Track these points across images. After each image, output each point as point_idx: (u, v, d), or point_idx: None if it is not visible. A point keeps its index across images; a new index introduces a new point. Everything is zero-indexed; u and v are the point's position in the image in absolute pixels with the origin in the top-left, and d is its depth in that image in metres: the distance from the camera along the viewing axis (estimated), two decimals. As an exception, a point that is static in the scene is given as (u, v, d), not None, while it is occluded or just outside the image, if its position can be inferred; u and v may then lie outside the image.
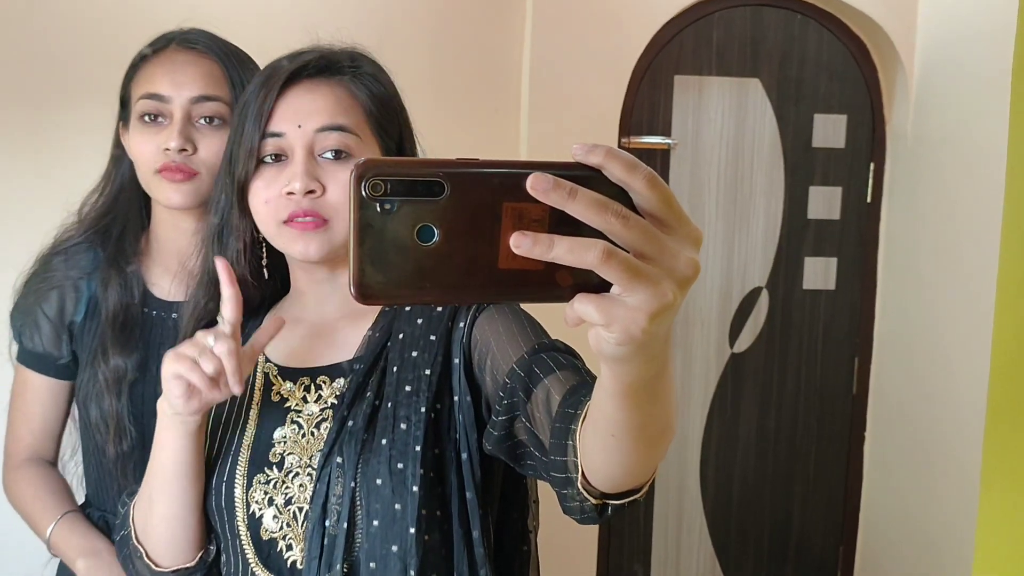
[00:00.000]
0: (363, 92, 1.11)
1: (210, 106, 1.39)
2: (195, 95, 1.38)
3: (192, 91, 1.38)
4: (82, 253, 1.47)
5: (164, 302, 1.45)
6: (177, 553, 1.11)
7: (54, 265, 1.47)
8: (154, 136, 1.38)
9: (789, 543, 3.39)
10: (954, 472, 2.80)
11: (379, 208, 0.53)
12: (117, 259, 1.45)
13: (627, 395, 0.65)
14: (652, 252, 0.54)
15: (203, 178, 1.38)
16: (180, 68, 1.40)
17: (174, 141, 1.35)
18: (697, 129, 3.16)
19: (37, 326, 1.47)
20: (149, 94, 1.39)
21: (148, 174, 1.39)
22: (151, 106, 1.38)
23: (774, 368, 3.31)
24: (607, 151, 0.54)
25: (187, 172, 1.37)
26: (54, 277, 1.46)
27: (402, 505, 1.01)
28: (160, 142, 1.37)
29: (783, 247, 3.25)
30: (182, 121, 1.37)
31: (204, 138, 1.38)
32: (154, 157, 1.37)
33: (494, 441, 0.99)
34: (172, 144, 1.35)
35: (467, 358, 1.07)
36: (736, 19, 3.12)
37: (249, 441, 1.12)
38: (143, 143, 1.39)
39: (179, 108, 1.37)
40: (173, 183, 1.37)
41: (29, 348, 1.49)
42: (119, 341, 1.40)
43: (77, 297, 1.46)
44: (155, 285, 1.47)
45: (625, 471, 0.76)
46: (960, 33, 2.86)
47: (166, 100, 1.38)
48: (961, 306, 2.80)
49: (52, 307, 1.46)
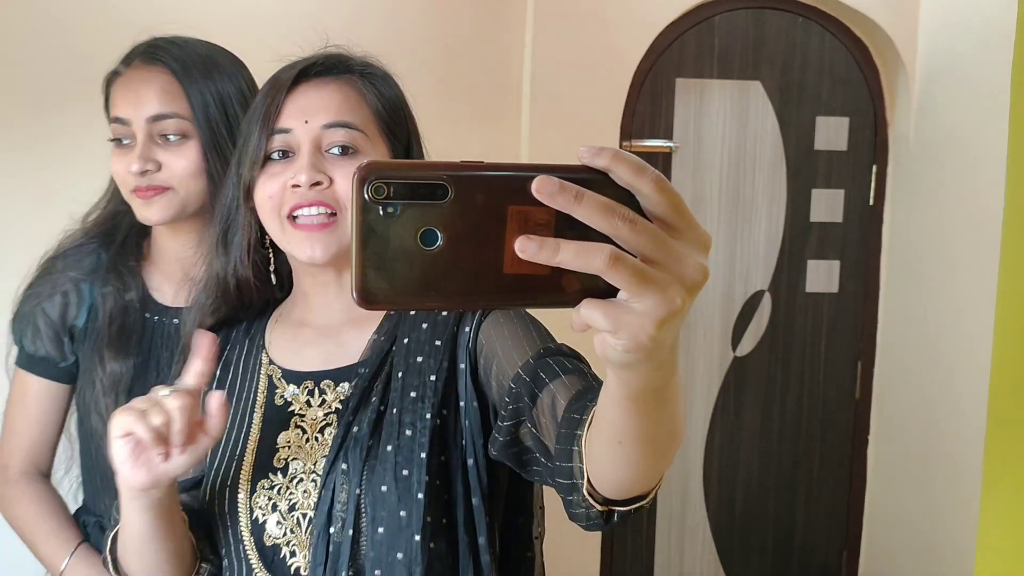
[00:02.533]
0: (372, 92, 1.11)
1: (168, 123, 1.38)
2: (152, 114, 1.37)
3: (149, 110, 1.37)
4: (85, 255, 1.46)
5: (165, 307, 1.45)
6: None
7: (57, 267, 1.47)
8: (123, 157, 1.38)
9: (792, 548, 3.38)
10: (957, 477, 2.79)
11: (382, 212, 0.52)
12: (118, 263, 1.45)
13: (634, 402, 0.64)
14: (660, 257, 0.52)
15: (177, 192, 1.38)
16: (136, 88, 1.39)
17: (135, 164, 1.36)
18: (699, 132, 3.15)
19: (38, 329, 1.46)
20: (114, 118, 1.40)
21: (127, 194, 1.40)
22: (117, 130, 1.40)
23: (777, 372, 3.30)
24: (614, 154, 0.53)
25: (156, 190, 1.37)
26: (57, 279, 1.46)
27: (407, 512, 1.00)
28: (127, 163, 1.37)
29: (785, 250, 3.24)
30: (143, 143, 1.37)
31: (168, 154, 1.38)
32: (126, 179, 1.38)
33: (499, 447, 0.98)
34: (134, 167, 1.36)
35: (473, 363, 1.06)
36: (738, 22, 3.12)
37: (253, 445, 1.11)
38: (116, 165, 1.40)
39: (140, 129, 1.37)
40: (145, 200, 1.38)
41: (30, 351, 1.47)
42: (115, 345, 1.40)
43: (79, 300, 1.45)
44: (157, 290, 1.47)
45: (631, 478, 0.75)
46: (962, 36, 2.86)
47: (127, 123, 1.38)
48: (964, 309, 2.79)
49: (55, 309, 1.45)
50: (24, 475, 1.49)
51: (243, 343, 1.19)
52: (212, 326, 1.19)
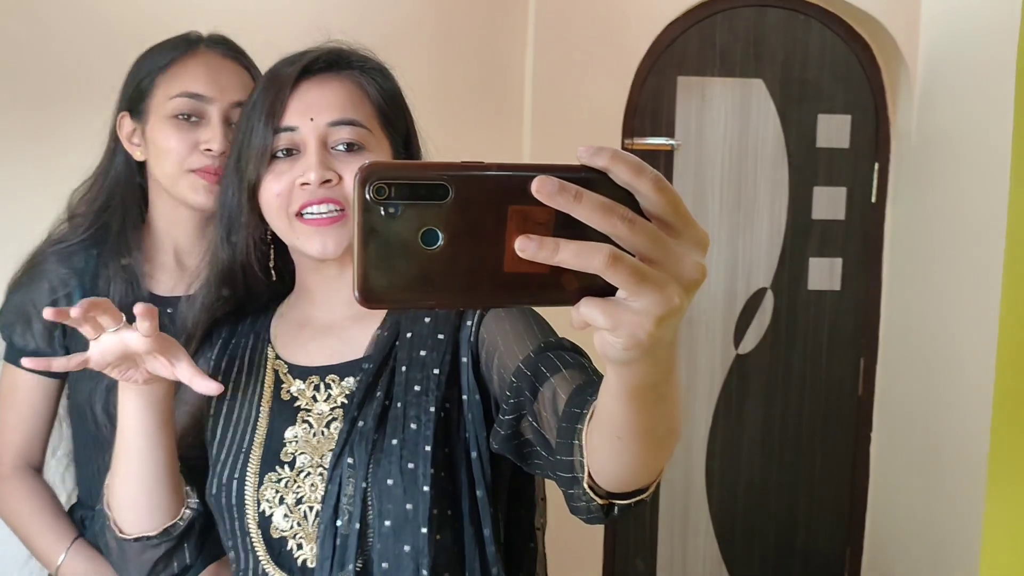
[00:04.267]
0: (372, 86, 1.12)
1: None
2: (235, 100, 1.40)
3: (233, 96, 1.40)
4: (76, 250, 1.45)
5: (161, 298, 1.44)
6: (139, 519, 1.10)
7: (47, 261, 1.46)
8: (188, 133, 1.38)
9: (795, 544, 3.39)
10: (960, 472, 2.79)
11: (383, 212, 0.53)
12: (115, 254, 1.44)
13: (633, 398, 0.64)
14: (658, 256, 0.53)
15: None
16: (220, 71, 1.41)
17: (217, 143, 1.36)
18: (701, 130, 3.16)
19: (29, 323, 1.45)
20: (188, 93, 1.39)
21: (177, 171, 1.40)
22: (189, 104, 1.39)
23: (779, 369, 3.30)
24: (613, 153, 0.53)
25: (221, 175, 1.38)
26: (46, 273, 1.45)
27: (414, 505, 1.02)
28: (196, 140, 1.37)
29: (787, 248, 3.25)
30: (222, 124, 1.38)
31: None
32: (188, 155, 1.38)
33: (501, 440, 0.99)
34: (215, 146, 1.36)
35: (475, 357, 1.07)
36: (739, 20, 3.12)
37: (261, 439, 1.12)
38: (174, 139, 1.39)
39: (219, 111, 1.39)
40: (208, 184, 1.38)
41: (20, 345, 1.46)
42: None
43: (69, 292, 1.44)
44: (152, 280, 1.46)
45: (631, 472, 0.76)
46: (963, 32, 2.86)
47: (207, 100, 1.39)
48: (967, 306, 2.79)
49: (44, 301, 1.43)
50: (16, 470, 1.48)
51: (248, 337, 1.20)
52: (219, 318, 1.21)
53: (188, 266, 1.47)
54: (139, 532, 1.10)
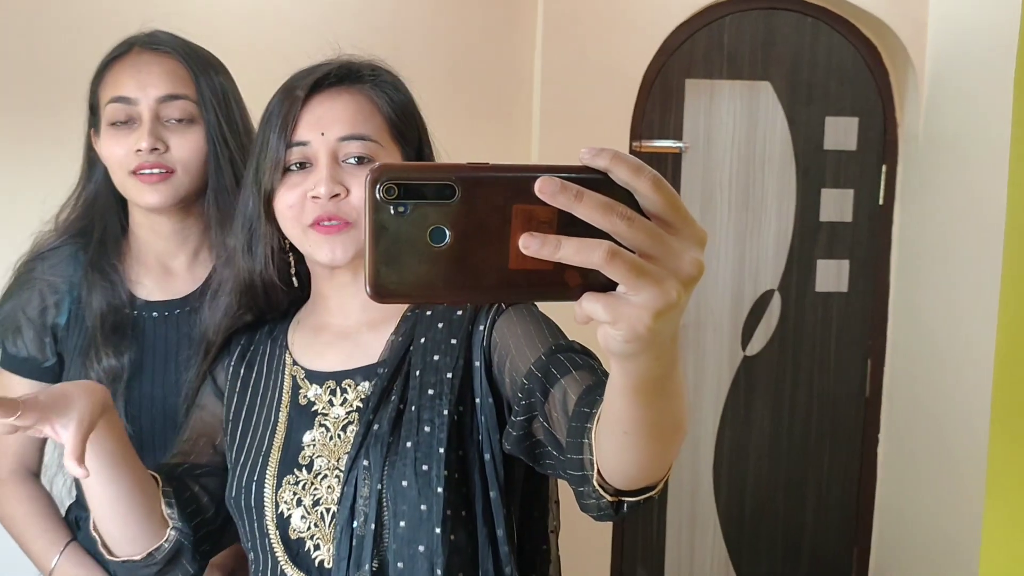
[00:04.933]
0: (383, 100, 1.14)
1: (177, 105, 1.39)
2: (161, 95, 1.38)
3: (158, 91, 1.38)
4: (64, 259, 1.46)
5: (147, 302, 1.46)
6: (122, 544, 1.11)
7: (35, 270, 1.46)
8: (124, 139, 1.38)
9: (802, 545, 3.39)
10: (967, 474, 2.79)
11: (393, 211, 0.55)
12: (100, 262, 1.44)
13: (637, 392, 0.66)
14: (657, 252, 0.55)
15: (179, 176, 1.39)
16: (145, 69, 1.40)
17: (145, 141, 1.36)
18: (708, 133, 3.17)
19: (19, 330, 1.45)
20: (117, 97, 1.39)
21: (123, 177, 1.40)
22: (119, 109, 1.39)
23: (786, 371, 3.31)
24: (613, 155, 0.55)
25: (163, 169, 1.38)
26: (34, 281, 1.45)
27: (428, 506, 1.03)
28: (131, 144, 1.37)
29: (795, 250, 3.26)
30: (151, 121, 1.37)
31: (174, 136, 1.39)
32: (127, 159, 1.38)
33: (513, 441, 1.00)
34: (144, 144, 1.36)
35: (487, 360, 1.08)
36: (747, 23, 3.13)
37: (280, 443, 1.14)
38: (114, 146, 1.39)
39: (147, 109, 1.38)
40: (149, 184, 1.38)
41: (12, 352, 1.47)
42: (111, 343, 1.40)
43: (59, 299, 1.45)
44: (137, 285, 1.47)
45: (639, 468, 0.78)
46: (970, 35, 2.86)
47: (133, 102, 1.38)
48: (974, 308, 2.80)
49: (34, 309, 1.44)
50: (13, 475, 1.49)
51: (266, 344, 1.23)
52: (239, 327, 1.23)
53: (173, 270, 1.48)
54: (125, 556, 1.12)
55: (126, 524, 1.10)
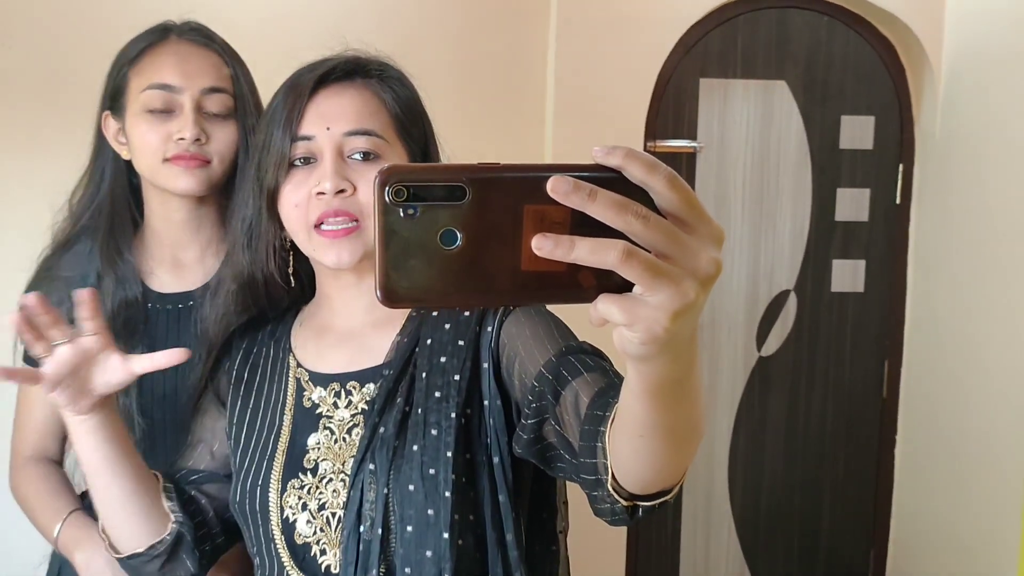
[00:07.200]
0: (389, 95, 1.13)
1: (218, 98, 1.41)
2: (206, 86, 1.40)
3: (203, 82, 1.39)
4: (81, 254, 1.47)
5: (161, 295, 1.46)
6: (127, 539, 1.13)
7: (54, 266, 1.48)
8: (162, 125, 1.38)
9: (819, 547, 3.37)
10: (989, 476, 2.77)
11: (402, 213, 0.54)
12: (112, 255, 1.45)
13: (654, 395, 0.65)
14: (673, 251, 0.54)
15: (214, 166, 1.41)
16: (188, 59, 1.41)
17: (188, 131, 1.36)
18: (723, 132, 3.15)
19: None
20: (158, 84, 1.39)
21: (155, 163, 1.40)
22: (158, 96, 1.39)
23: (802, 371, 3.29)
24: (626, 152, 0.54)
25: (201, 160, 1.39)
26: (54, 277, 1.47)
27: (435, 510, 1.02)
28: (169, 131, 1.37)
29: (811, 249, 3.23)
30: (194, 112, 1.38)
31: (215, 128, 1.40)
32: (162, 146, 1.38)
33: (524, 444, 0.99)
34: (187, 134, 1.36)
35: (496, 362, 1.07)
36: (762, 21, 3.11)
37: (284, 446, 1.13)
38: (148, 133, 1.39)
39: (190, 99, 1.38)
40: (187, 169, 1.38)
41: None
42: (123, 336, 1.40)
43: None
44: (151, 277, 1.47)
45: (654, 472, 0.76)
46: (988, 32, 2.84)
47: (177, 91, 1.39)
48: (993, 307, 2.77)
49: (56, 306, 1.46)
50: (30, 460, 1.51)
51: (268, 346, 1.22)
52: (239, 327, 1.22)
53: (186, 262, 1.48)
54: (130, 551, 1.13)
55: (129, 519, 1.11)
